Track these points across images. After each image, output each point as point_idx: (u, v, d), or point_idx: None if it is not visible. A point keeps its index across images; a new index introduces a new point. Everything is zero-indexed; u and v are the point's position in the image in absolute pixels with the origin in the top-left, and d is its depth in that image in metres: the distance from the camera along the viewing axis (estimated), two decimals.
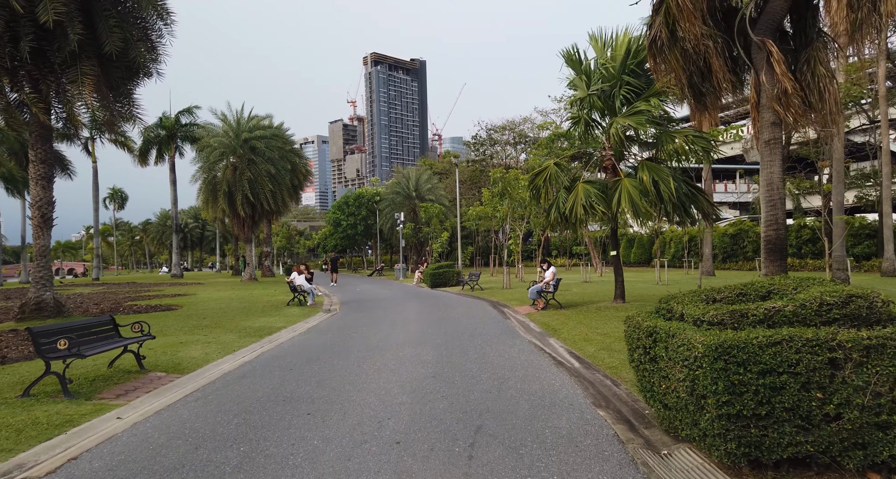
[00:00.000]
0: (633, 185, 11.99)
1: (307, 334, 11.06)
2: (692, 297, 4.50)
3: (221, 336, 10.62)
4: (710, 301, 4.39)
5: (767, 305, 3.69)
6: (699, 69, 8.17)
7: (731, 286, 4.60)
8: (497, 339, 9.70)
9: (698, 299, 4.43)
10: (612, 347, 8.28)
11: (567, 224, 14.27)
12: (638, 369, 4.57)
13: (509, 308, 15.33)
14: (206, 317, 14.07)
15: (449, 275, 26.88)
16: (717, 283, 20.73)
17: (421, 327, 11.62)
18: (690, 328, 3.79)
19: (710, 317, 3.77)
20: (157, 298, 20.71)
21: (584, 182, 13.02)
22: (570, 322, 11.27)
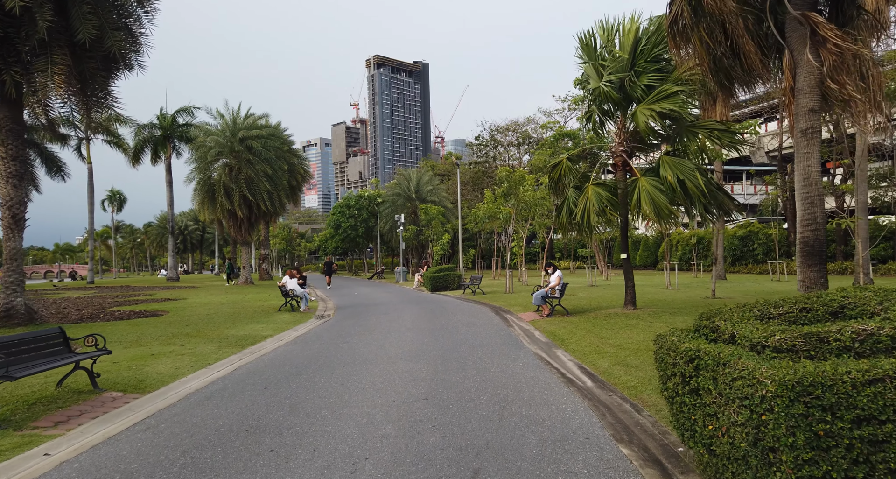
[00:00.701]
0: (653, 183, 11.09)
1: (293, 345, 10.20)
2: (741, 312, 3.62)
3: (199, 347, 9.77)
4: (766, 318, 3.50)
5: (854, 326, 2.81)
6: (726, 52, 7.31)
7: (790, 299, 3.71)
8: (499, 351, 8.82)
9: (749, 314, 3.54)
10: (627, 361, 7.38)
11: (577, 227, 13.41)
12: (673, 401, 3.69)
13: (512, 315, 14.45)
14: (189, 324, 13.22)
15: (450, 278, 26.00)
16: (730, 287, 19.81)
17: (417, 336, 10.75)
18: (749, 356, 2.91)
19: (777, 342, 2.89)
20: (146, 302, 19.89)
21: (594, 184, 12.13)
22: (578, 331, 10.38)
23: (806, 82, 6.53)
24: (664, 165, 11.03)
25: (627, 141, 12.80)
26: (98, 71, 11.76)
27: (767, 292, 17.48)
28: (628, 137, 12.83)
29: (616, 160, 12.87)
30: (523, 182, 20.61)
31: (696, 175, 10.55)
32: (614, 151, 12.91)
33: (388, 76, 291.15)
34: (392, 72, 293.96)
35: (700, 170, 10.98)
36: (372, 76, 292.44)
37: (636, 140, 13.00)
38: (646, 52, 11.81)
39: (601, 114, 13.07)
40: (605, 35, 12.44)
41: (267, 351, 9.48)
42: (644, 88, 11.74)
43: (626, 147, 12.78)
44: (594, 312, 13.31)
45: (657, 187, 11.00)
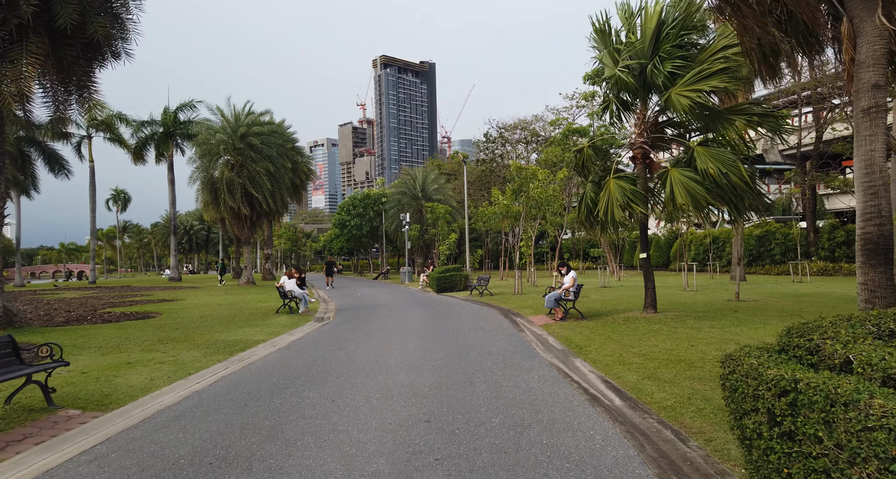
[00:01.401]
0: (686, 175, 10.16)
1: (286, 351, 9.38)
2: (849, 327, 2.72)
3: (183, 354, 8.97)
4: (885, 335, 2.61)
5: None
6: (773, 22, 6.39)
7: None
8: (511, 360, 7.95)
9: (861, 330, 2.65)
10: (658, 375, 6.48)
11: (596, 224, 12.51)
12: (751, 445, 2.80)
13: (522, 318, 13.56)
14: (179, 328, 12.45)
15: (456, 279, 25.13)
16: (752, 289, 18.78)
17: (420, 342, 9.89)
18: (885, 394, 2.02)
19: None
20: (141, 303, 19.18)
21: (615, 177, 11.21)
22: (596, 337, 9.48)
23: (869, 54, 5.63)
24: (699, 156, 10.07)
25: (648, 132, 11.89)
26: (78, 59, 10.99)
27: (796, 294, 16.48)
28: (648, 128, 11.92)
29: (635, 153, 11.96)
30: (534, 178, 19.69)
31: (738, 166, 9.61)
32: (633, 143, 12.00)
33: (394, 76, 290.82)
34: (399, 72, 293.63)
35: (742, 161, 10.02)
36: (379, 76, 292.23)
37: (657, 131, 12.09)
38: (670, 37, 10.88)
39: (618, 104, 12.15)
40: (624, 18, 11.53)
41: (256, 359, 8.66)
42: (667, 75, 10.80)
43: (646, 139, 11.86)
44: (611, 315, 12.40)
45: (692, 179, 10.06)
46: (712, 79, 10.05)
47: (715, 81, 10.02)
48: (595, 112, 31.91)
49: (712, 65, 9.81)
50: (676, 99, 10.39)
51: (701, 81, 10.12)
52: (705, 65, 10.15)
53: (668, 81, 10.80)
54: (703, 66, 9.99)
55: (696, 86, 10.13)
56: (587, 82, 31.64)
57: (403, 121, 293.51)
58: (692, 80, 10.21)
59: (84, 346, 9.74)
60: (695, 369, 6.58)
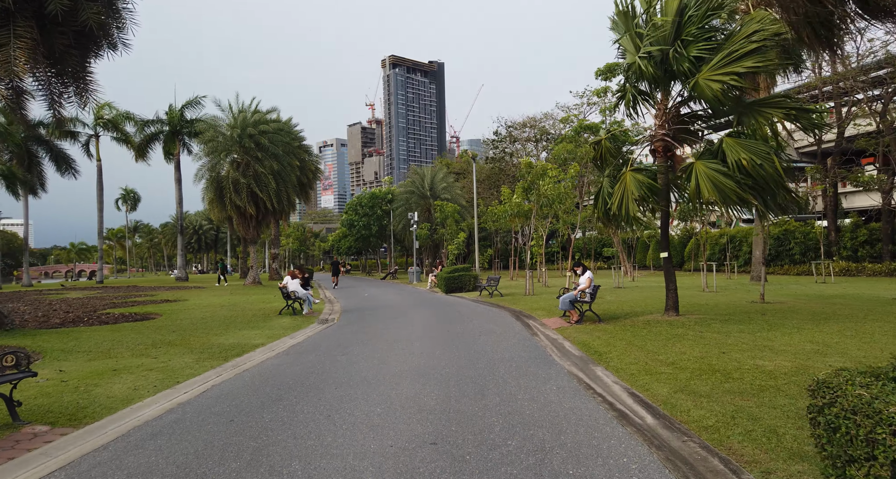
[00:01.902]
0: (713, 167, 9.46)
1: (285, 356, 8.81)
2: None
3: (175, 359, 8.42)
4: None
5: None
6: None
7: None
8: (525, 368, 7.30)
9: None
10: (692, 387, 5.81)
11: (613, 220, 11.82)
12: None
13: (535, 320, 12.90)
14: (176, 330, 11.94)
15: (465, 279, 24.51)
16: (775, 290, 17.93)
17: (428, 346, 9.28)
18: None
19: None
20: (142, 304, 18.76)
21: (632, 170, 10.52)
22: (617, 343, 8.81)
23: None
24: (730, 148, 9.35)
25: (669, 123, 11.17)
26: (71, 49, 10.50)
27: (823, 295, 15.65)
28: (670, 120, 11.20)
29: (656, 146, 11.24)
30: (545, 175, 18.98)
31: (773, 158, 8.89)
32: (654, 135, 11.29)
33: (403, 76, 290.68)
34: (407, 72, 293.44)
35: (775, 153, 9.28)
36: (387, 76, 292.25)
37: (679, 123, 11.37)
38: (694, 20, 10.15)
39: (637, 94, 11.43)
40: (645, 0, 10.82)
41: (252, 365, 8.10)
42: (692, 60, 10.08)
43: (667, 130, 11.15)
44: (630, 318, 11.70)
45: (720, 171, 9.35)
46: (746, 60, 9.29)
47: (749, 62, 9.26)
48: (607, 107, 31.12)
49: (744, 45, 9.08)
50: (705, 84, 9.67)
51: (733, 63, 9.37)
52: (735, 45, 9.41)
53: (693, 67, 10.07)
54: (733, 47, 9.25)
55: (728, 69, 9.38)
56: (599, 78, 30.88)
57: (412, 121, 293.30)
58: (722, 62, 9.47)
59: (73, 350, 9.24)
60: (733, 382, 5.90)
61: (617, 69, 30.69)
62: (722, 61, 9.50)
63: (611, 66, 30.42)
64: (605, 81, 30.68)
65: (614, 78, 30.92)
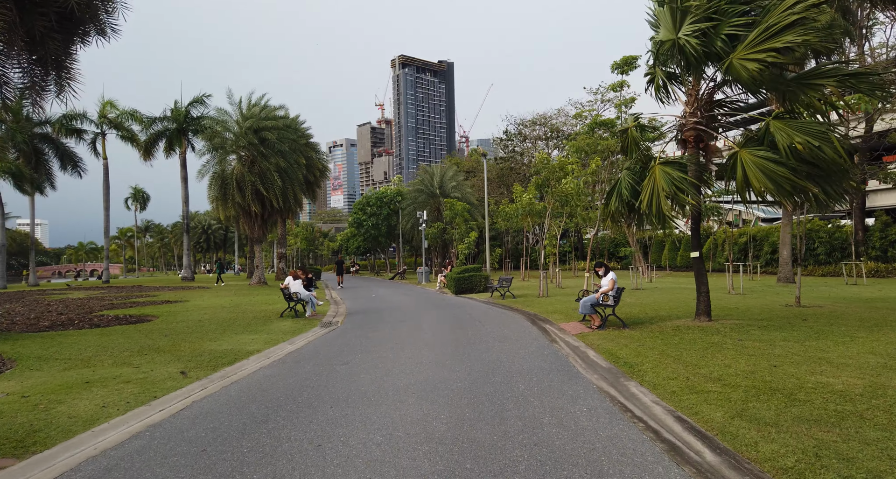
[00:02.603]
0: (761, 155, 8.50)
1: (280, 366, 7.99)
2: None
3: (159, 369, 7.64)
4: None
5: None
6: None
7: None
8: (548, 382, 6.42)
9: None
10: (751, 411, 4.88)
11: (632, 219, 10.90)
12: None
13: (552, 325, 12.00)
14: (170, 334, 11.20)
15: (476, 280, 23.62)
16: (807, 293, 16.88)
17: (437, 355, 8.42)
18: None
19: None
20: (141, 305, 18.10)
21: (662, 163, 9.57)
22: (648, 352, 7.89)
23: None
24: (779, 131, 8.36)
25: (702, 110, 10.21)
26: (52, 32, 9.77)
27: (862, 298, 14.58)
28: (703, 106, 10.24)
29: (686, 135, 10.29)
30: (563, 171, 17.98)
31: (831, 138, 7.92)
32: (685, 123, 10.33)
33: (413, 76, 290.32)
34: (417, 71, 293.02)
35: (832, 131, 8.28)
36: (397, 76, 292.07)
37: (712, 109, 10.40)
38: None
39: (665, 78, 10.47)
40: None
41: (243, 375, 7.29)
42: (725, 39, 9.12)
43: (700, 118, 10.18)
44: (657, 323, 10.76)
45: (769, 159, 8.39)
46: (786, 34, 8.28)
47: (790, 36, 8.25)
48: (623, 102, 30.10)
49: (784, 18, 8.09)
50: (739, 66, 8.71)
51: (772, 38, 8.37)
52: (774, 18, 8.42)
53: (726, 47, 9.12)
54: (771, 20, 8.27)
55: (766, 45, 8.40)
56: (615, 71, 29.91)
57: (421, 121, 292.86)
58: (759, 39, 8.48)
59: (50, 358, 8.50)
60: (800, 405, 4.97)
61: (634, 62, 29.70)
62: (759, 37, 8.51)
63: (627, 60, 29.42)
64: (621, 74, 29.70)
65: (631, 71, 29.93)
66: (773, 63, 8.49)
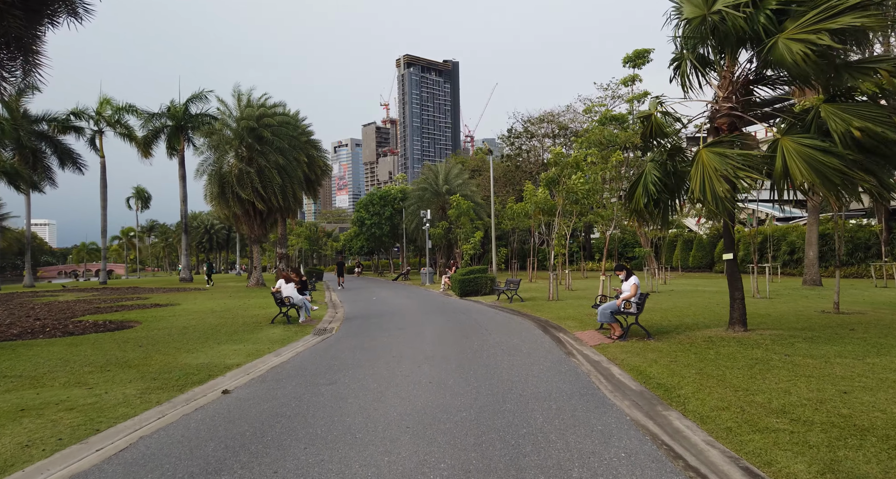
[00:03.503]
0: (809, 143, 7.38)
1: (258, 385, 6.95)
2: None
3: (115, 390, 6.61)
4: None
5: None
6: None
7: None
8: (571, 412, 5.33)
9: None
10: (846, 465, 3.77)
11: (659, 214, 9.77)
12: None
13: (566, 334, 10.89)
14: (145, 344, 10.18)
15: (481, 282, 22.54)
16: (843, 298, 15.71)
17: (439, 372, 7.34)
18: None
19: None
20: (128, 309, 17.13)
21: (708, 146, 8.41)
22: (683, 371, 6.78)
23: None
24: (831, 116, 7.24)
25: (738, 95, 9.06)
26: (13, 8, 8.78)
27: None
28: (738, 90, 9.10)
29: (719, 123, 9.16)
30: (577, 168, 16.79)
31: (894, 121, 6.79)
32: (718, 109, 9.19)
33: (417, 75, 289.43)
34: (422, 71, 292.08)
35: None
36: (402, 76, 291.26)
37: (747, 94, 9.25)
38: None
39: (695, 62, 9.32)
40: None
41: (212, 399, 6.25)
42: (769, 16, 7.97)
43: (734, 103, 9.05)
44: (684, 333, 9.64)
45: (816, 147, 7.26)
46: (844, 16, 7.20)
47: (847, 18, 7.17)
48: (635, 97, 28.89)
49: None
50: (784, 47, 7.59)
51: (828, 19, 7.28)
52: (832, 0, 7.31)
53: (770, 25, 7.98)
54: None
55: (820, 26, 7.29)
56: (627, 65, 28.73)
57: (426, 120, 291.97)
58: (814, 19, 7.37)
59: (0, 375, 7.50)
60: None
61: (646, 56, 28.51)
62: (816, 17, 7.39)
63: (639, 53, 28.24)
64: (632, 68, 28.50)
65: (644, 65, 28.73)
66: (822, 46, 7.38)
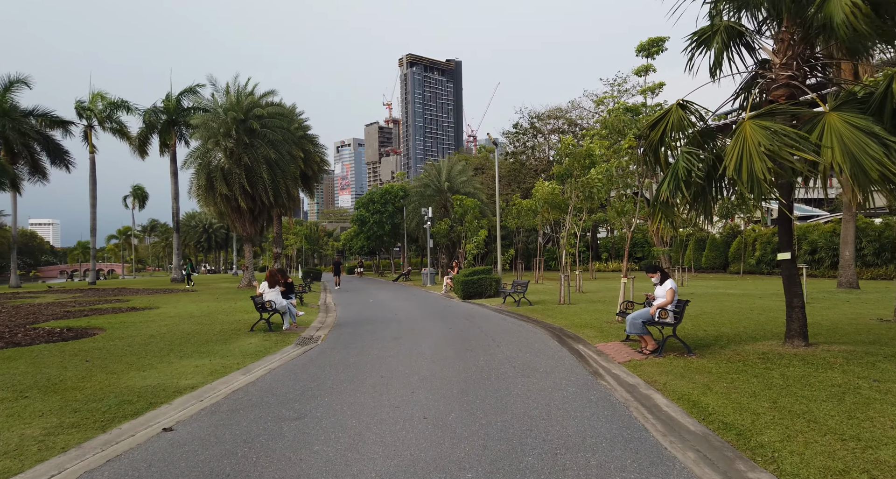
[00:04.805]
0: (859, 124, 5.94)
1: (206, 418, 5.45)
2: None
3: (11, 430, 5.12)
4: None
5: None
6: None
7: None
8: (617, 473, 3.80)
9: None
10: None
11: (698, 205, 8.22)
12: None
13: (587, 345, 9.37)
14: (94, 359, 8.70)
15: (485, 283, 21.02)
16: (876, 300, 14.09)
17: (436, 403, 5.83)
18: None
19: None
20: (101, 313, 15.66)
21: (754, 118, 6.86)
22: (749, 402, 5.25)
23: None
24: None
25: (799, 60, 7.51)
26: None
27: None
28: (799, 55, 7.54)
29: (776, 94, 7.60)
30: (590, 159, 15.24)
31: None
32: (775, 78, 7.64)
33: (420, 75, 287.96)
34: (425, 70, 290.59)
35: None
36: (405, 75, 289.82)
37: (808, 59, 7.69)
38: None
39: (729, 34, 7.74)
40: None
41: (137, 442, 4.76)
42: None
43: (794, 71, 7.49)
44: (730, 347, 8.11)
45: (865, 130, 5.80)
46: None
47: None
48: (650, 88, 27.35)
49: None
50: (837, 5, 6.12)
51: None
52: None
53: None
54: None
55: None
56: (640, 54, 27.17)
57: (429, 120, 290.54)
58: None
59: None
60: None
61: (661, 44, 26.93)
62: None
63: (654, 41, 26.66)
64: (646, 57, 26.93)
65: (657, 54, 27.15)
66: None
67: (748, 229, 36.62)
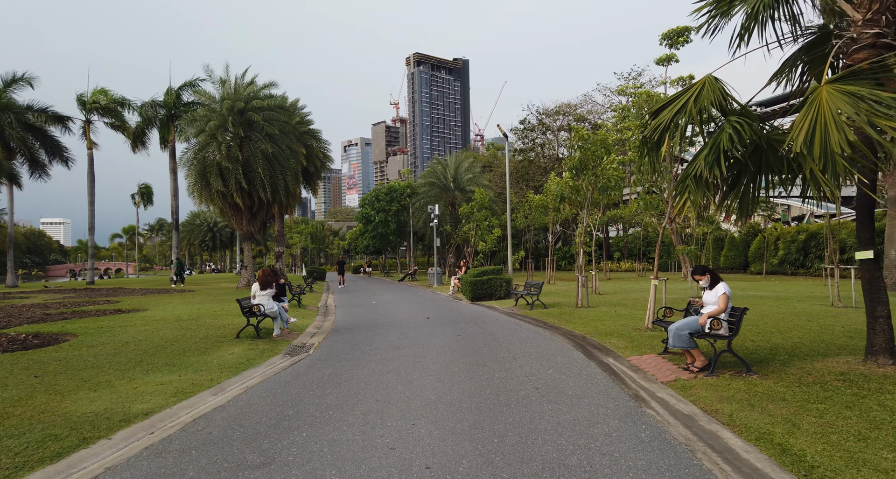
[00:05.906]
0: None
1: (144, 466, 4.20)
2: None
3: None
4: None
5: None
6: None
7: None
8: None
9: None
10: None
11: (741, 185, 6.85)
12: None
13: (618, 358, 8.06)
14: (49, 373, 7.50)
15: (495, 284, 19.74)
16: None
17: (441, 441, 4.53)
18: None
19: None
20: (81, 316, 14.52)
21: (832, 82, 5.49)
22: (858, 447, 3.93)
23: None
24: None
25: (889, 15, 6.14)
26: None
27: None
28: (889, 8, 6.17)
29: (856, 58, 6.23)
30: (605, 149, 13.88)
31: None
32: (856, 36, 6.27)
33: (427, 74, 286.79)
34: (432, 69, 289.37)
35: None
36: (412, 74, 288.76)
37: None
38: None
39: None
40: None
41: None
42: None
43: (881, 29, 6.12)
44: (794, 364, 6.76)
45: None
46: None
47: None
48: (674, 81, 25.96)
49: None
50: None
51: None
52: None
53: None
54: None
55: None
56: (663, 43, 25.71)
57: (436, 119, 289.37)
58: None
59: None
60: None
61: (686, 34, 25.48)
62: None
63: (679, 30, 25.20)
64: (669, 47, 25.50)
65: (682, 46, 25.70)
66: None
67: (769, 228, 35.02)
